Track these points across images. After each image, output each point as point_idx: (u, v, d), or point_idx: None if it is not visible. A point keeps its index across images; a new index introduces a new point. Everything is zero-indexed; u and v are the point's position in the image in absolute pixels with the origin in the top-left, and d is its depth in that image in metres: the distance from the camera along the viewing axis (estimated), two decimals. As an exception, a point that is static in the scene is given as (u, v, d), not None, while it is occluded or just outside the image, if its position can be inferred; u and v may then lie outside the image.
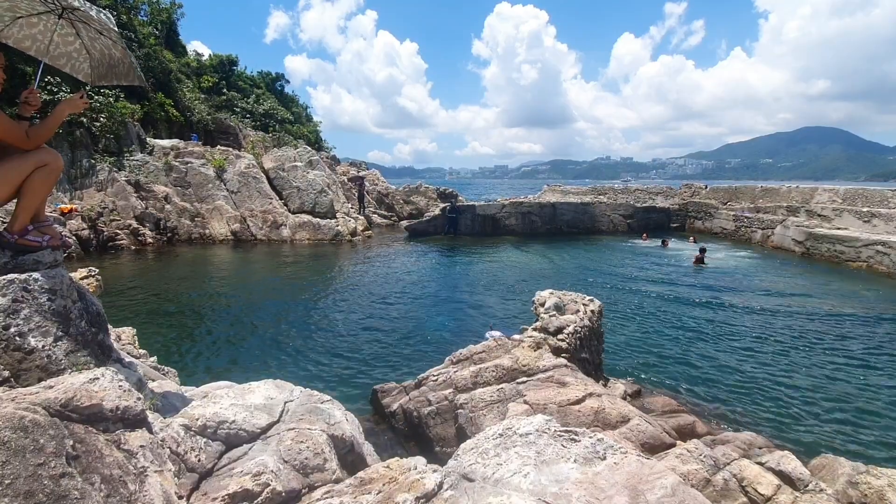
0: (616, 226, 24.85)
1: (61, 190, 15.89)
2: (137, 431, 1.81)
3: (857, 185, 24.18)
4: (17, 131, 2.29)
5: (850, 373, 7.35)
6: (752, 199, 23.32)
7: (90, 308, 2.53)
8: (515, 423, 2.43)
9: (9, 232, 2.39)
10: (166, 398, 2.94)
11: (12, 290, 2.14)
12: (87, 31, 2.74)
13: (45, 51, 2.75)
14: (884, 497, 2.87)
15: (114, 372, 1.89)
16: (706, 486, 3.07)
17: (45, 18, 2.66)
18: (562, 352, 5.52)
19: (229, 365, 7.33)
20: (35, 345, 2.12)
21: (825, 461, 3.43)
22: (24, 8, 2.57)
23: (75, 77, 2.96)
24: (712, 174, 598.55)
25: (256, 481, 2.08)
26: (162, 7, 29.53)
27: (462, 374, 5.03)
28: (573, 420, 4.00)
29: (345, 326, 9.27)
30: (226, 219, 18.79)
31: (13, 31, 2.65)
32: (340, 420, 2.83)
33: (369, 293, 11.77)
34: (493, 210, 23.73)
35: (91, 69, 2.92)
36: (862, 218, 17.01)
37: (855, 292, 12.35)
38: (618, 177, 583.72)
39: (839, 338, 8.92)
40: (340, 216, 20.99)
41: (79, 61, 2.89)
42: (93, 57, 2.88)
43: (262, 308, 10.34)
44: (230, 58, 34.92)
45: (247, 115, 31.83)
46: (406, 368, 7.21)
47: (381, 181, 31.79)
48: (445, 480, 1.93)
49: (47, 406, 1.53)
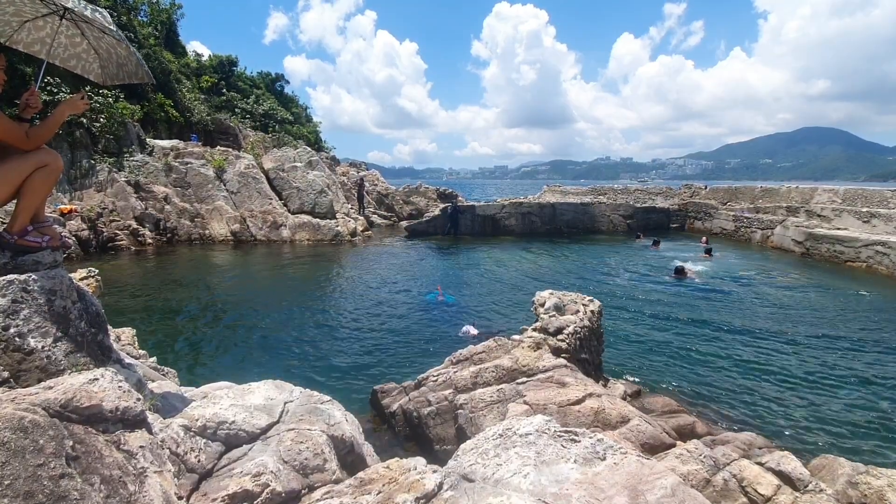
0: (616, 226, 24.84)
1: (61, 190, 15.88)
2: (137, 432, 1.80)
3: (856, 186, 24.18)
4: (17, 132, 2.29)
5: (849, 373, 7.35)
6: (752, 199, 23.33)
7: (90, 308, 2.52)
8: (515, 423, 2.43)
9: (8, 232, 2.39)
10: (166, 399, 2.93)
11: (12, 291, 2.14)
12: (90, 30, 2.74)
13: (55, 53, 2.76)
14: (884, 497, 2.87)
15: (113, 372, 1.89)
16: (706, 486, 3.07)
17: (49, 21, 2.67)
18: (562, 352, 5.52)
19: (229, 365, 7.33)
20: (35, 345, 2.12)
21: (825, 461, 3.43)
22: (29, 11, 2.57)
23: (87, 78, 2.95)
24: (712, 174, 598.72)
25: (256, 482, 2.08)
26: (162, 7, 29.56)
27: (462, 374, 5.03)
28: (573, 420, 4.00)
29: (344, 327, 9.26)
30: (225, 219, 18.79)
31: (22, 36, 2.66)
32: (340, 420, 2.83)
33: (369, 293, 11.77)
34: (492, 210, 23.73)
35: (101, 69, 2.92)
36: (861, 218, 17.02)
37: (855, 293, 12.35)
38: (618, 177, 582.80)
39: (839, 338, 8.92)
40: (340, 216, 20.99)
41: (88, 62, 2.89)
42: (101, 56, 2.87)
43: (262, 308, 10.34)
44: (230, 58, 34.94)
45: (246, 116, 31.85)
46: (406, 369, 7.20)
47: (380, 181, 31.80)
48: (445, 481, 1.93)
49: (47, 407, 1.53)
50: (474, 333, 8.56)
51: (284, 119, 34.68)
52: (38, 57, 2.75)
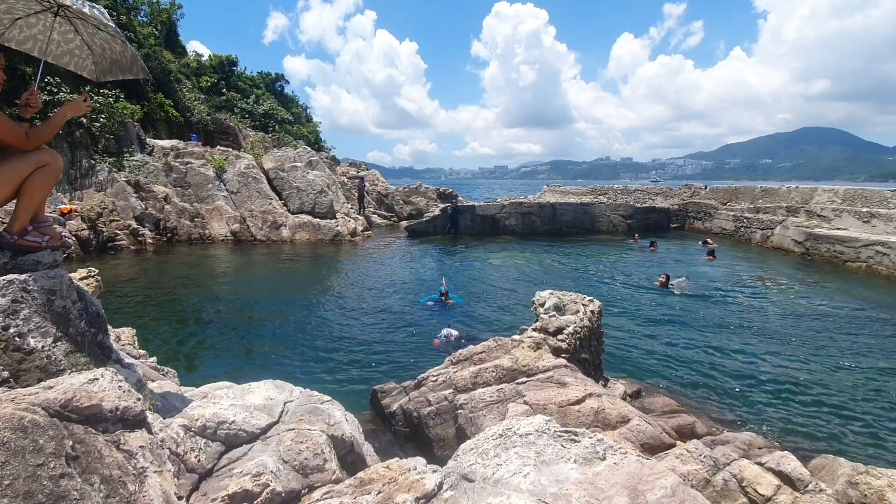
0: (616, 226, 24.84)
1: (61, 190, 15.88)
2: (137, 432, 1.80)
3: (856, 186, 24.15)
4: (16, 132, 2.29)
5: (849, 373, 7.35)
6: (752, 199, 23.33)
7: (90, 308, 2.52)
8: (515, 423, 2.43)
9: (8, 232, 2.38)
10: (166, 399, 2.93)
11: (12, 291, 2.13)
12: (84, 26, 2.72)
13: (47, 50, 2.74)
14: (883, 497, 2.86)
15: (113, 372, 1.89)
16: (706, 486, 3.07)
17: (42, 17, 2.64)
18: (561, 352, 5.52)
19: (229, 365, 7.33)
20: (34, 345, 2.12)
21: (825, 461, 3.43)
22: (21, 8, 2.56)
23: (80, 74, 2.94)
24: (712, 174, 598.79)
25: (256, 482, 2.08)
26: (162, 7, 29.55)
27: (462, 374, 5.03)
28: (573, 420, 3.99)
29: (344, 326, 9.26)
30: (225, 219, 18.78)
31: (14, 34, 2.65)
32: (340, 420, 2.83)
33: (369, 293, 11.77)
34: (492, 210, 23.74)
35: (94, 65, 2.89)
36: (861, 218, 17.02)
37: (855, 293, 12.35)
38: (618, 177, 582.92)
39: (839, 338, 8.92)
40: (340, 216, 20.99)
41: (81, 58, 2.87)
42: (95, 53, 2.85)
43: (262, 308, 10.34)
44: (230, 58, 34.94)
45: (246, 116, 31.85)
46: (406, 369, 7.20)
47: (380, 181, 31.80)
48: (445, 481, 1.93)
49: (47, 407, 1.53)
50: (455, 336, 8.12)
51: (284, 119, 34.68)
52: (30, 54, 2.73)
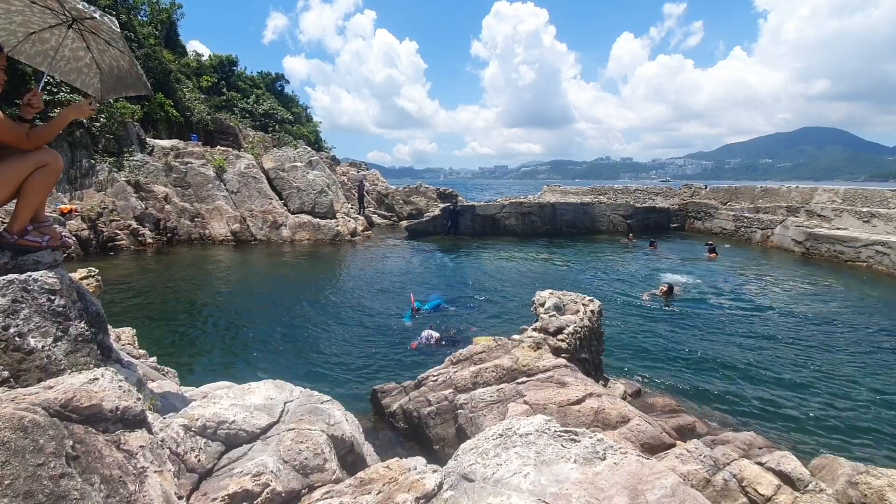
0: (616, 226, 24.84)
1: (61, 190, 15.88)
2: (137, 432, 1.80)
3: (856, 186, 24.15)
4: (17, 132, 2.29)
5: (849, 373, 7.35)
6: (752, 199, 23.32)
7: (90, 308, 2.52)
8: (515, 423, 2.43)
9: (8, 232, 2.39)
10: (166, 398, 2.94)
11: (12, 291, 2.14)
12: (96, 42, 2.75)
13: (56, 66, 2.79)
14: (884, 497, 2.86)
15: (113, 372, 1.89)
16: (706, 486, 3.07)
17: (56, 32, 2.67)
18: (562, 352, 5.52)
19: (229, 365, 7.33)
20: (35, 345, 2.12)
21: (825, 461, 3.43)
22: (37, 22, 2.57)
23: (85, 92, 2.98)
24: (712, 174, 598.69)
25: (256, 482, 2.08)
26: (162, 7, 29.55)
27: (462, 374, 5.03)
28: (573, 420, 3.99)
29: (344, 326, 9.26)
30: (225, 219, 18.78)
31: (26, 48, 2.67)
32: (340, 420, 2.83)
33: (369, 293, 11.77)
34: (492, 210, 23.74)
35: (101, 83, 2.95)
36: (862, 218, 17.02)
37: (855, 292, 12.35)
38: (618, 177, 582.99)
39: (839, 338, 8.92)
40: (340, 216, 20.99)
41: (89, 76, 2.92)
42: (102, 71, 2.91)
43: (262, 308, 10.34)
44: (230, 58, 34.94)
45: (246, 116, 31.85)
46: (406, 368, 7.20)
47: (380, 181, 31.81)
48: (445, 481, 1.93)
49: (47, 406, 1.53)
50: (436, 338, 8.00)
51: (284, 119, 34.68)
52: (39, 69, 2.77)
